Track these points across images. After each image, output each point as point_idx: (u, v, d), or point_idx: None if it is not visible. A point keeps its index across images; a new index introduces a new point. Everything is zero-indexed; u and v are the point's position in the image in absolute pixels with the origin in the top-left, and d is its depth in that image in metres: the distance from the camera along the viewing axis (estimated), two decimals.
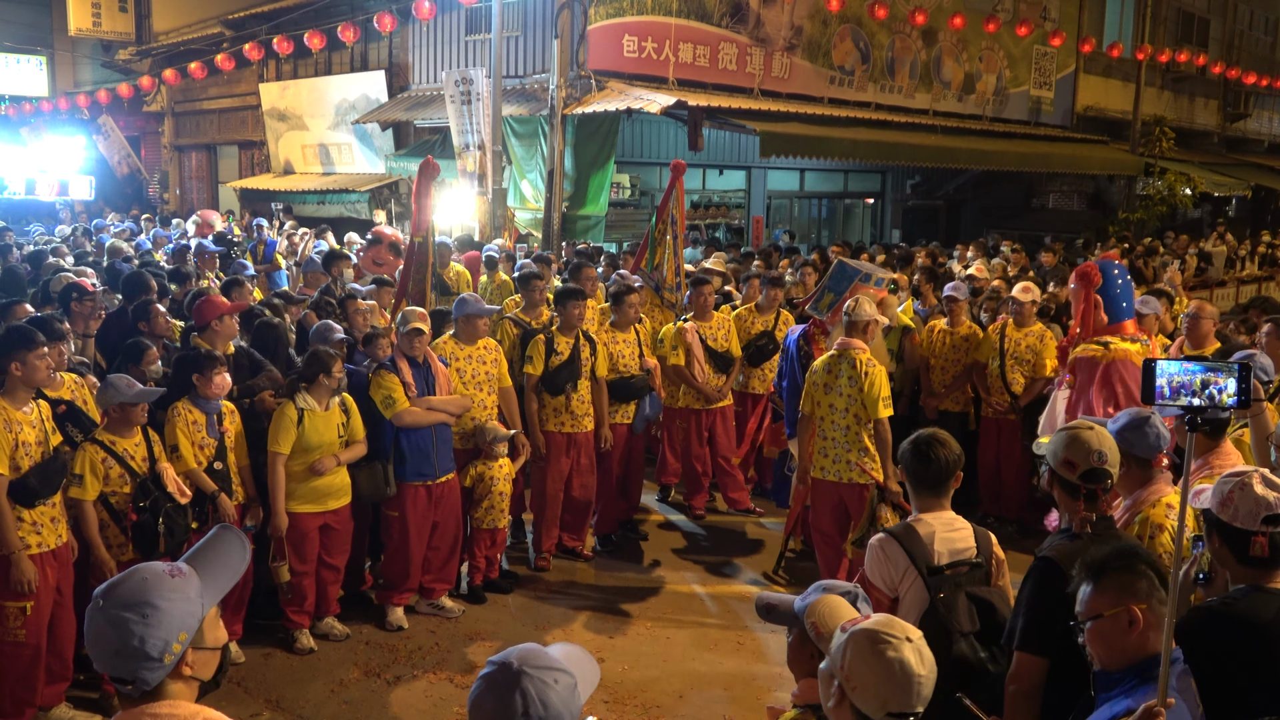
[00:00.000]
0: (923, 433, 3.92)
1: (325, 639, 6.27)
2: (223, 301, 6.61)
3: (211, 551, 2.31)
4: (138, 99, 23.74)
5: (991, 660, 3.52)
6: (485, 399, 6.86)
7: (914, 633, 2.37)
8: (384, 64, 19.44)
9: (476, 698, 2.01)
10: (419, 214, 7.72)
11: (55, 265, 9.58)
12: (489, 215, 14.69)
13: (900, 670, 2.28)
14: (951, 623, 3.53)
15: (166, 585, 2.14)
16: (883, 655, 2.30)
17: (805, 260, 11.41)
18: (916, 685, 2.28)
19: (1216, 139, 29.95)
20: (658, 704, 5.63)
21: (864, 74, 19.29)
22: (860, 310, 6.43)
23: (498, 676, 2.00)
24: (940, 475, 3.79)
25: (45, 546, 5.03)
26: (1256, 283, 17.96)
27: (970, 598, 3.61)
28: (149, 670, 2.11)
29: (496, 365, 6.96)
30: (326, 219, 17.94)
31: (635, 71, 15.69)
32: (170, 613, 2.11)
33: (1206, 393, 2.58)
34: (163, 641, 2.10)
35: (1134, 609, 2.66)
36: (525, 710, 1.95)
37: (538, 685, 1.98)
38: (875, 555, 3.76)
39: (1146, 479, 3.79)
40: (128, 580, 2.14)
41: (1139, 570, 2.71)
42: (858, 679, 2.32)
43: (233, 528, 2.42)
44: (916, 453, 3.81)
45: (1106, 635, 2.69)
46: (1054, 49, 23.17)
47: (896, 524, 3.87)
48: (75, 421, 5.46)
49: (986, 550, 3.75)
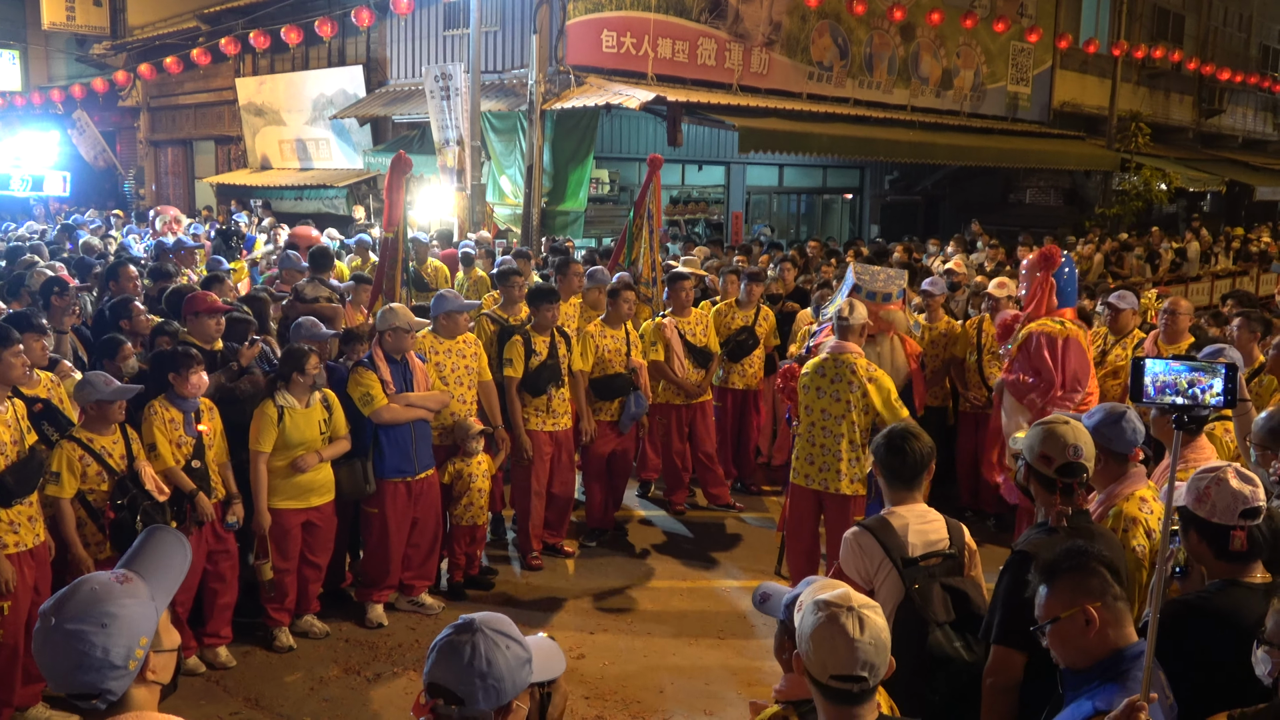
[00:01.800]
0: (896, 426, 3.96)
1: (305, 637, 6.24)
2: (212, 298, 6.56)
3: (151, 554, 2.25)
4: (113, 94, 23.55)
5: (967, 649, 3.54)
6: (465, 394, 6.84)
7: (861, 603, 2.43)
8: (362, 59, 19.36)
9: (437, 641, 2.22)
10: (390, 209, 7.70)
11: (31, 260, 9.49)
12: (468, 211, 14.66)
13: (839, 634, 2.37)
14: (927, 613, 3.55)
15: (118, 592, 2.09)
16: (822, 620, 2.40)
17: (785, 256, 11.43)
18: (855, 649, 2.35)
19: (1191, 134, 30.19)
20: (638, 699, 5.64)
21: (842, 70, 19.34)
22: (856, 314, 6.31)
23: (460, 628, 2.21)
24: (914, 469, 3.82)
25: (23, 546, 4.98)
26: (1231, 277, 18.12)
27: (945, 588, 3.63)
28: (116, 680, 2.07)
29: (476, 360, 6.93)
30: (305, 215, 17.85)
31: (614, 67, 15.69)
32: (128, 619, 2.08)
33: (1191, 392, 2.60)
34: (126, 648, 2.06)
35: (1089, 609, 2.66)
36: (470, 660, 2.14)
37: (489, 644, 2.16)
38: (850, 548, 3.79)
39: (1121, 473, 3.82)
40: (77, 593, 2.08)
41: (1091, 569, 2.71)
42: (804, 643, 2.43)
43: (166, 527, 2.38)
44: (890, 446, 3.84)
45: (1066, 636, 2.70)
46: (1031, 45, 23.31)
47: (869, 518, 3.88)
48: (51, 420, 5.41)
49: (959, 541, 3.78)
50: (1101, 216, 22.79)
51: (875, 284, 7.27)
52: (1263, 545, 3.13)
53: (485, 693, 2.15)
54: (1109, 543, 3.39)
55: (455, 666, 2.16)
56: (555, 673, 2.37)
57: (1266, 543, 3.12)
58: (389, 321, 6.34)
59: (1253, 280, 18.61)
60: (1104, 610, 2.67)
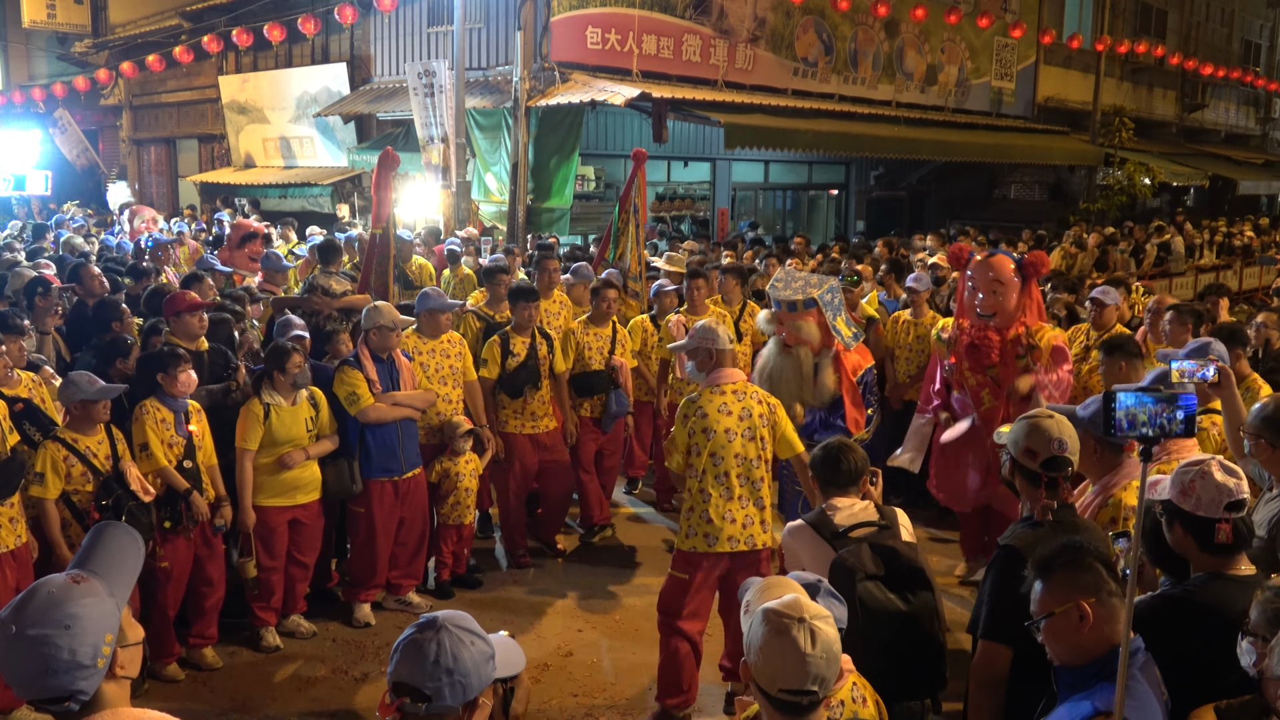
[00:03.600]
0: (831, 441, 4.04)
1: (292, 636, 6.22)
2: (192, 296, 6.53)
3: (103, 551, 2.24)
4: (95, 92, 23.39)
5: (901, 600, 3.56)
6: (450, 393, 6.82)
7: (813, 613, 2.41)
8: (345, 56, 19.27)
9: (399, 641, 2.23)
10: (379, 206, 7.68)
11: (13, 260, 9.43)
12: (453, 208, 14.62)
13: (790, 648, 2.33)
14: (854, 564, 3.58)
15: (76, 592, 2.08)
16: (773, 633, 2.37)
17: (770, 251, 11.43)
18: (805, 664, 2.33)
19: (1175, 129, 30.33)
20: (627, 696, 5.64)
21: (827, 65, 19.36)
22: (721, 338, 5.24)
23: (423, 626, 2.23)
24: (850, 479, 3.91)
25: (4, 547, 4.96)
26: (1215, 271, 18.21)
27: (873, 548, 3.66)
28: (86, 679, 2.05)
29: (461, 359, 6.90)
30: (289, 213, 17.77)
31: (599, 63, 15.66)
32: (90, 617, 2.06)
33: (1157, 423, 2.68)
34: (93, 647, 2.05)
35: (1083, 604, 2.66)
36: (436, 658, 2.17)
37: (454, 641, 2.19)
38: (787, 544, 3.90)
39: (1116, 463, 3.85)
40: (34, 598, 2.06)
41: (1085, 564, 2.71)
42: (754, 654, 2.40)
43: (116, 523, 2.36)
44: (827, 460, 3.94)
45: (1060, 633, 2.70)
46: (1015, 40, 23.37)
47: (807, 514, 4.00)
48: (33, 420, 5.38)
49: (891, 517, 3.84)
50: (1086, 211, 22.87)
51: (784, 292, 6.39)
52: (1247, 538, 3.15)
53: (452, 689, 2.17)
54: (1095, 537, 3.40)
55: (421, 664, 2.17)
56: (517, 668, 2.41)
57: (1250, 535, 3.13)
58: (374, 320, 6.31)
59: (1235, 274, 18.72)
60: (1098, 606, 2.66)
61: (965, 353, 6.35)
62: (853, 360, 6.43)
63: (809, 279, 6.62)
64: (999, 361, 6.24)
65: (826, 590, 2.91)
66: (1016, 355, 6.23)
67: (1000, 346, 6.22)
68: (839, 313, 6.47)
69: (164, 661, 5.70)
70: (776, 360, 6.34)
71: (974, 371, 6.37)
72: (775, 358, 6.36)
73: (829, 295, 6.37)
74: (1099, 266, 15.29)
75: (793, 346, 6.29)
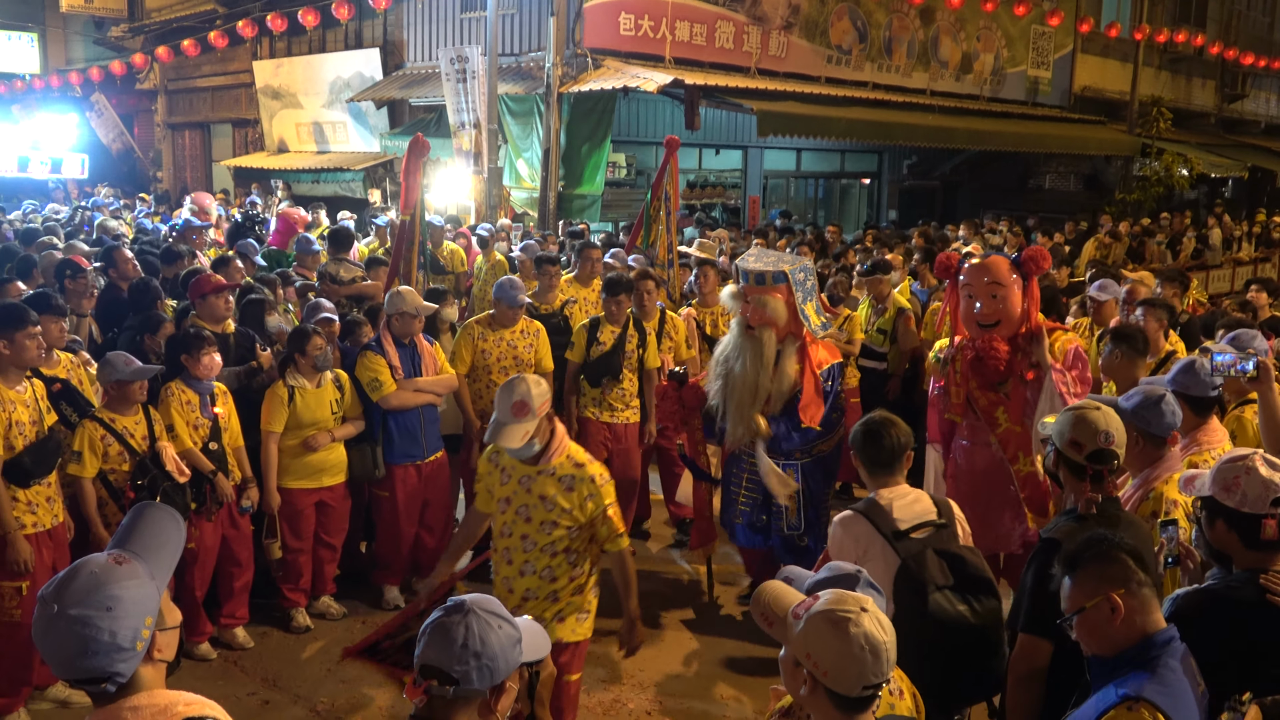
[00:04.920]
0: (873, 415, 3.94)
1: (322, 618, 6.26)
2: (216, 278, 6.57)
3: (144, 532, 2.23)
4: (130, 77, 23.57)
5: (971, 612, 3.51)
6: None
7: (865, 601, 2.35)
8: (379, 42, 19.32)
9: (427, 624, 2.21)
10: (407, 192, 7.67)
11: (48, 243, 9.51)
12: (485, 195, 14.64)
13: (868, 643, 2.26)
14: (924, 576, 3.52)
15: (119, 573, 2.07)
16: (846, 633, 2.27)
17: (803, 239, 11.33)
18: (885, 652, 2.27)
19: (1213, 120, 29.89)
20: (656, 683, 5.63)
21: (861, 53, 19.21)
22: (537, 394, 4.03)
23: (450, 609, 2.21)
24: (891, 455, 3.82)
25: (41, 526, 5.00)
26: (1254, 264, 17.95)
27: (939, 554, 3.60)
28: (124, 661, 2.05)
29: (531, 350, 6.81)
30: (321, 198, 17.85)
31: (632, 50, 15.61)
32: (132, 599, 2.06)
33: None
34: (133, 630, 2.05)
35: (1113, 597, 2.63)
36: (465, 641, 2.16)
37: (481, 624, 2.19)
38: (838, 536, 3.75)
39: (1158, 456, 3.80)
40: (76, 578, 2.06)
41: (1113, 556, 2.67)
42: (827, 662, 2.28)
43: (158, 504, 2.36)
44: (868, 434, 3.84)
45: (1093, 627, 2.67)
46: (1052, 29, 23.09)
47: (857, 502, 3.85)
48: (70, 400, 5.42)
49: (949, 514, 3.77)
50: (1122, 202, 22.60)
51: (754, 264, 5.91)
52: None
53: (479, 672, 2.17)
54: (1137, 530, 3.35)
55: (448, 647, 2.17)
56: (542, 652, 2.42)
57: None
58: (395, 306, 6.30)
59: (1275, 266, 18.44)
60: (1129, 597, 2.63)
61: (970, 369, 5.50)
62: (819, 354, 5.93)
63: (782, 255, 6.20)
64: (1008, 373, 5.41)
65: (866, 580, 2.87)
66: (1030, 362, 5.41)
67: (1009, 357, 5.39)
68: (810, 297, 5.95)
69: (196, 640, 5.74)
70: (736, 342, 5.86)
71: (983, 390, 5.49)
72: (735, 339, 5.89)
73: (801, 275, 5.88)
74: (1134, 258, 15.11)
75: (756, 329, 5.80)
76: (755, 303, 5.77)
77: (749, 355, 5.76)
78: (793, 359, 5.80)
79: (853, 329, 8.21)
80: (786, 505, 5.86)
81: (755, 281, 5.80)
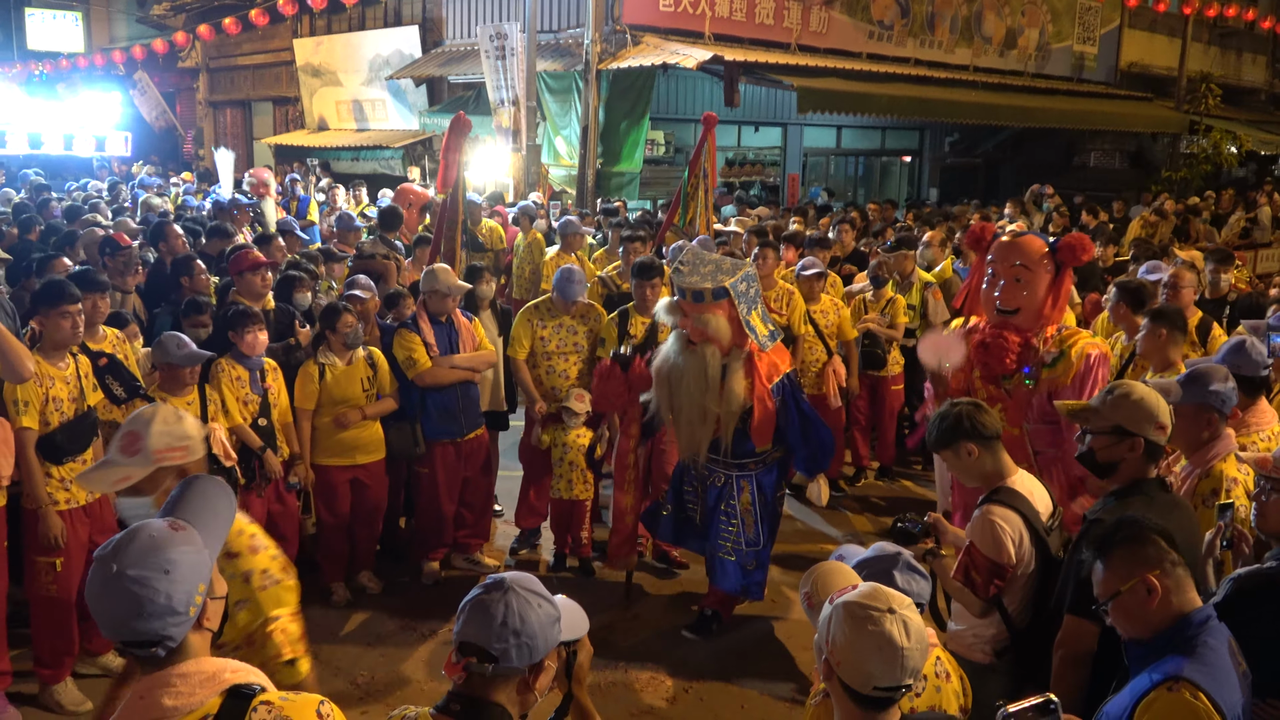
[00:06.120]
0: (960, 402, 3.76)
1: (361, 593, 6.31)
2: (255, 255, 6.60)
3: (196, 502, 2.28)
4: (173, 55, 23.77)
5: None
6: (567, 369, 6.65)
7: (899, 602, 2.29)
8: (418, 19, 19.33)
9: (466, 602, 2.22)
10: (446, 170, 7.65)
11: (92, 220, 9.60)
12: (523, 172, 14.63)
13: (885, 643, 2.22)
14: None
15: (177, 538, 2.10)
16: (865, 628, 2.24)
17: (845, 217, 11.17)
18: (902, 658, 2.23)
19: (1264, 96, 29.33)
20: (688, 665, 5.63)
21: (903, 29, 18.97)
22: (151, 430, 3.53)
23: (490, 587, 2.22)
24: (996, 432, 3.68)
25: (74, 503, 5.01)
26: None
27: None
28: (177, 626, 2.07)
29: (590, 336, 6.70)
30: (360, 175, 17.94)
31: (671, 26, 15.50)
32: (188, 564, 2.09)
33: None
34: (187, 594, 2.07)
35: (1149, 578, 2.60)
36: (504, 620, 2.16)
37: (521, 602, 2.18)
38: (993, 532, 3.50)
39: (1216, 434, 3.76)
40: (136, 540, 2.08)
41: (1145, 538, 2.65)
42: (842, 653, 2.27)
43: (207, 475, 2.40)
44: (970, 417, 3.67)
45: (1129, 610, 2.64)
46: (1098, 3, 22.70)
47: (998, 494, 3.61)
48: (117, 375, 5.45)
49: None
50: (1168, 180, 22.22)
51: (690, 278, 5.34)
52: None
53: (519, 650, 2.17)
54: (1184, 513, 3.30)
55: (488, 625, 2.16)
56: (581, 631, 2.42)
57: None
58: (430, 284, 6.29)
59: None
60: (1164, 578, 2.61)
61: (975, 354, 5.02)
62: (768, 363, 5.44)
63: (720, 263, 5.46)
64: (1014, 370, 4.93)
65: (906, 563, 2.83)
66: (1043, 364, 4.88)
67: (1019, 353, 4.90)
68: (754, 306, 5.43)
69: None
70: (677, 360, 5.41)
71: (985, 381, 5.04)
72: (676, 357, 5.42)
73: (744, 285, 5.34)
74: (1180, 236, 14.85)
75: (698, 344, 5.35)
76: (696, 321, 5.33)
77: (692, 375, 5.34)
78: (740, 375, 5.37)
79: (895, 312, 8.10)
80: (743, 518, 5.59)
81: (694, 299, 5.30)
